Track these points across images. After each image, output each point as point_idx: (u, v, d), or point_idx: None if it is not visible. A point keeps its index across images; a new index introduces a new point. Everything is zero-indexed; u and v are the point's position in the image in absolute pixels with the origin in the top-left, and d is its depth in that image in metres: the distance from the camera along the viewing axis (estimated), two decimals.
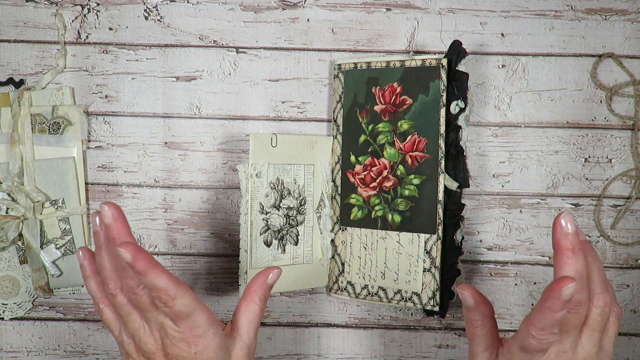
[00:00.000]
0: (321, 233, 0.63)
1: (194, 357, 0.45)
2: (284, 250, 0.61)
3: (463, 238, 0.58)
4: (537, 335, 0.38)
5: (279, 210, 0.60)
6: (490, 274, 0.64)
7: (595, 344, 0.40)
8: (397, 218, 0.60)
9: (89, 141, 0.63)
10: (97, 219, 0.45)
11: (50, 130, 0.62)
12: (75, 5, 0.62)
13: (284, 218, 0.61)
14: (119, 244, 0.40)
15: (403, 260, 0.59)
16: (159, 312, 0.44)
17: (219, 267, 0.64)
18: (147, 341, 0.45)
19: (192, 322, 0.44)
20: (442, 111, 0.58)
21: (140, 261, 0.40)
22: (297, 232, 0.62)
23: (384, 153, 0.60)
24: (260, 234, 0.59)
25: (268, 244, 0.60)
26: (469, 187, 0.58)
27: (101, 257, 0.45)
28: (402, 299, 0.60)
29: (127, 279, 0.43)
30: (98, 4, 0.62)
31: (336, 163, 0.63)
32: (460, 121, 0.57)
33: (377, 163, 0.61)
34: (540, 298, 0.38)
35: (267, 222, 0.60)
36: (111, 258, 0.45)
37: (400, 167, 0.60)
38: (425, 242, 0.58)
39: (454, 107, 0.58)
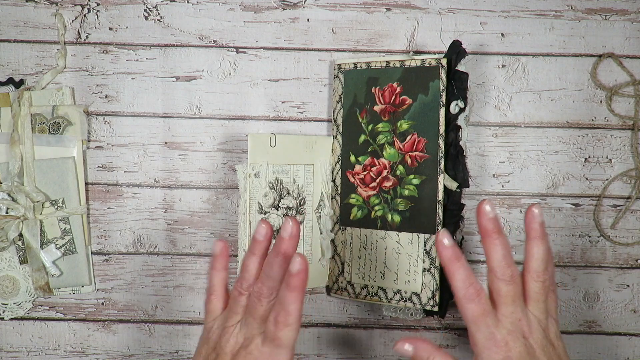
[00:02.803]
0: (321, 233, 0.63)
1: None
2: None
3: (463, 238, 0.58)
4: (500, 271, 0.44)
5: (277, 210, 0.60)
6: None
7: (542, 312, 0.45)
8: (397, 218, 0.60)
9: (89, 141, 0.63)
10: (265, 229, 0.47)
11: (50, 130, 0.62)
12: (75, 5, 0.62)
13: (283, 218, 0.61)
14: (296, 254, 0.42)
15: (403, 260, 0.59)
16: (260, 325, 0.45)
17: None
18: (228, 339, 0.46)
19: (276, 354, 0.44)
20: (442, 111, 0.58)
21: (298, 276, 0.42)
22: None
23: (384, 153, 0.60)
24: None
25: None
26: (468, 187, 0.58)
27: (250, 261, 0.47)
28: (402, 299, 0.60)
29: (263, 286, 0.45)
30: (98, 4, 0.62)
31: (336, 163, 0.63)
32: (460, 121, 0.57)
33: (377, 163, 0.61)
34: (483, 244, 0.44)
35: None
36: (260, 265, 0.47)
37: (400, 167, 0.60)
38: (425, 242, 0.58)
39: (453, 107, 0.58)
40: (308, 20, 0.63)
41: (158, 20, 0.63)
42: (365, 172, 0.61)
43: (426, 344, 0.46)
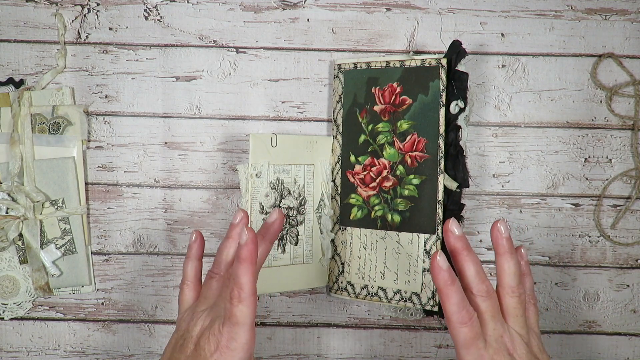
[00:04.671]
0: (321, 233, 0.63)
1: None
2: (284, 250, 0.61)
3: None
4: (476, 287, 0.44)
5: None
6: (491, 274, 0.64)
7: (522, 327, 0.45)
8: (397, 218, 0.60)
9: (89, 141, 0.63)
10: (240, 214, 0.49)
11: (50, 130, 0.62)
12: (75, 5, 0.62)
13: (284, 218, 0.61)
14: (245, 228, 0.43)
15: (402, 260, 0.59)
16: (223, 308, 0.46)
17: None
18: (196, 323, 0.47)
19: (234, 333, 0.45)
20: (442, 111, 0.58)
21: (246, 247, 0.43)
22: (297, 232, 0.62)
23: (384, 153, 0.60)
24: None
25: None
26: (468, 187, 0.58)
27: (225, 245, 0.49)
28: (402, 299, 0.60)
29: (232, 269, 0.46)
30: (98, 4, 0.62)
31: (336, 163, 0.63)
32: (460, 121, 0.57)
33: (377, 163, 0.61)
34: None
35: None
36: (233, 250, 0.49)
37: (400, 167, 0.60)
38: (425, 242, 0.58)
39: (453, 107, 0.58)
40: (308, 20, 0.63)
41: (158, 20, 0.63)
42: (365, 172, 0.61)
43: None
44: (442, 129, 0.58)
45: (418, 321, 0.64)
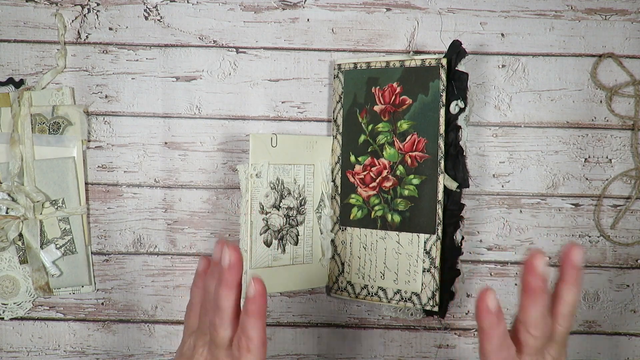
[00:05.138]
0: (321, 233, 0.63)
1: None
2: (284, 250, 0.61)
3: (463, 238, 0.58)
4: (534, 331, 0.41)
5: (279, 210, 0.60)
6: (490, 274, 0.64)
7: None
8: (397, 218, 0.60)
9: (89, 141, 0.63)
10: (231, 258, 0.43)
11: (50, 130, 0.62)
12: (75, 5, 0.62)
13: (284, 218, 0.61)
14: (252, 279, 0.40)
15: (402, 260, 0.59)
16: (225, 352, 0.43)
17: None
18: (200, 356, 0.45)
19: None
20: (442, 111, 0.58)
21: (254, 301, 0.40)
22: (297, 232, 0.62)
23: (384, 153, 0.60)
24: (260, 234, 0.59)
25: (268, 244, 0.60)
26: (468, 187, 0.58)
27: (221, 296, 0.44)
28: (402, 299, 0.60)
29: (215, 316, 0.43)
30: (98, 4, 0.62)
31: (336, 163, 0.63)
32: (460, 121, 0.57)
33: (377, 163, 0.61)
34: (521, 292, 0.40)
35: (267, 222, 0.60)
36: (232, 300, 0.44)
37: (400, 167, 0.60)
38: (425, 242, 0.58)
39: (453, 107, 0.58)
40: (308, 20, 0.63)
41: (158, 20, 0.63)
42: (365, 172, 0.61)
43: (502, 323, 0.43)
44: (442, 129, 0.58)
45: (418, 321, 0.64)
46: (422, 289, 0.59)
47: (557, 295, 0.42)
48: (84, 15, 0.63)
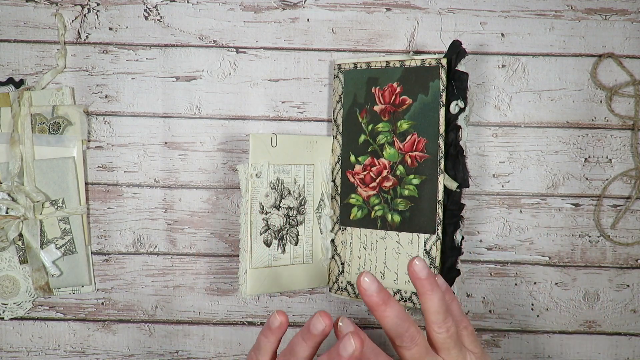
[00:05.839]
0: (321, 233, 0.63)
1: None
2: (284, 250, 0.61)
3: (463, 238, 0.58)
4: (437, 328, 0.44)
5: (279, 210, 0.60)
6: (490, 274, 0.64)
7: (457, 356, 0.45)
8: (397, 218, 0.60)
9: (89, 141, 0.63)
10: (279, 320, 0.44)
11: (50, 130, 0.62)
12: (75, 5, 0.62)
13: (284, 218, 0.61)
14: (350, 334, 0.39)
15: (402, 260, 0.59)
16: None
17: (219, 267, 0.64)
18: None
19: None
20: (442, 111, 0.58)
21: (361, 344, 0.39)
22: (297, 232, 0.62)
23: (384, 153, 0.60)
24: (260, 234, 0.59)
25: (268, 244, 0.60)
26: (468, 187, 0.58)
27: (268, 342, 0.45)
28: (402, 299, 0.60)
29: None
30: (98, 4, 0.62)
31: (336, 163, 0.63)
32: (460, 121, 0.57)
33: (377, 163, 0.61)
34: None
35: (267, 222, 0.60)
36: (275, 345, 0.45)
37: (400, 167, 0.60)
38: (425, 242, 0.58)
39: (453, 107, 0.58)
40: (308, 20, 0.63)
41: (158, 20, 0.63)
42: (365, 172, 0.61)
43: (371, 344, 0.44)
44: (442, 129, 0.58)
45: (418, 321, 0.64)
46: None
47: (422, 307, 0.45)
48: (84, 15, 0.63)
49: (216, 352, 0.65)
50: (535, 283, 0.64)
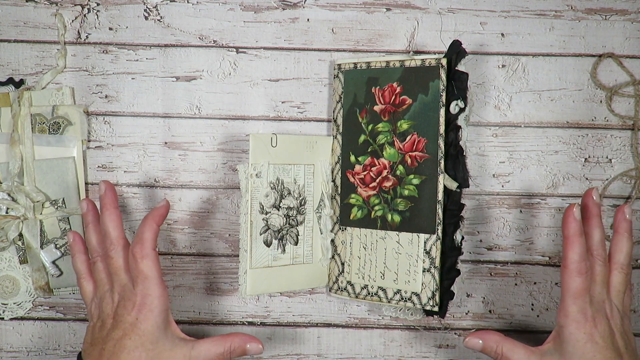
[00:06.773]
0: (321, 233, 0.63)
1: (134, 322, 0.50)
2: (284, 250, 0.61)
3: (463, 238, 0.58)
4: (596, 252, 0.50)
5: (279, 210, 0.60)
6: (490, 274, 0.64)
7: (620, 303, 0.51)
8: (397, 218, 0.60)
9: (89, 141, 0.63)
10: (85, 204, 0.57)
11: (50, 130, 0.62)
12: (75, 5, 0.62)
13: (284, 218, 0.61)
14: (103, 180, 0.55)
15: (402, 260, 0.59)
16: (126, 275, 0.51)
17: (219, 267, 0.64)
18: (107, 302, 0.52)
19: (146, 288, 0.50)
20: (442, 111, 0.58)
21: (159, 210, 0.53)
22: (297, 232, 0.62)
23: (384, 153, 0.60)
24: (260, 234, 0.59)
25: (268, 244, 0.60)
26: (468, 187, 0.58)
27: (89, 233, 0.55)
28: (402, 299, 0.60)
29: (105, 246, 0.52)
30: (98, 4, 0.62)
31: (336, 163, 0.63)
32: (460, 121, 0.57)
33: (377, 163, 0.61)
34: (563, 242, 0.49)
35: (267, 222, 0.60)
36: (98, 232, 0.55)
37: (400, 167, 0.60)
38: (425, 242, 0.58)
39: (453, 107, 0.58)
40: (308, 20, 0.63)
41: (158, 20, 0.63)
42: (365, 172, 0.61)
43: (494, 334, 0.52)
44: (442, 129, 0.58)
45: (418, 321, 0.64)
46: (422, 289, 0.59)
47: (613, 247, 0.51)
48: (84, 15, 0.63)
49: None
50: (535, 283, 0.64)
